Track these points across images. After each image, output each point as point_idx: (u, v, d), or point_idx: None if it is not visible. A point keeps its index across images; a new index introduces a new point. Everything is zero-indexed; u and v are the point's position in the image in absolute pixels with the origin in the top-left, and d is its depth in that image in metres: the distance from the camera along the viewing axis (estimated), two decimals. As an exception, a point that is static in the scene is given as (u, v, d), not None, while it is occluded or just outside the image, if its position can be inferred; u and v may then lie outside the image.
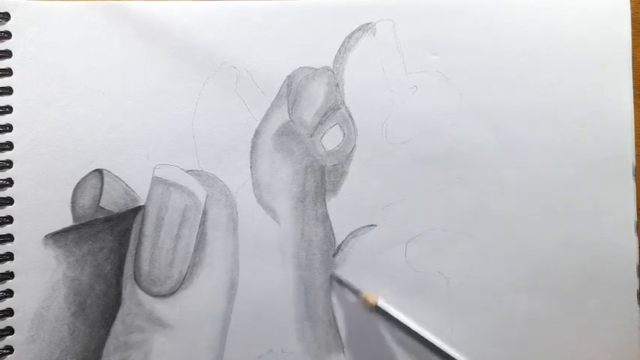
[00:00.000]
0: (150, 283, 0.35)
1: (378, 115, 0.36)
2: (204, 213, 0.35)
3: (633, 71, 0.37)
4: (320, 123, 0.36)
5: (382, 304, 0.33)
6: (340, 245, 0.36)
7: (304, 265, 0.36)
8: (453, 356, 0.34)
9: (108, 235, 0.35)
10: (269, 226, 0.36)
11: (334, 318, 0.35)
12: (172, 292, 0.35)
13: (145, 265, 0.35)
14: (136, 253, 0.35)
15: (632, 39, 0.37)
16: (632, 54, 0.37)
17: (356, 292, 0.34)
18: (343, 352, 0.35)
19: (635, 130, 0.37)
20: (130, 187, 0.35)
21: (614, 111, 0.37)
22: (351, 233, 0.36)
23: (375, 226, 0.36)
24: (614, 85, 0.37)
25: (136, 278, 0.35)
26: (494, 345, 0.36)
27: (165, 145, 0.35)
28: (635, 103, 0.37)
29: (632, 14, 0.37)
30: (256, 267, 0.35)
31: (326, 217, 0.36)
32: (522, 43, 0.37)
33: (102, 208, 0.35)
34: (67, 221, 0.34)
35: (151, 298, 0.35)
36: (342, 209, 0.36)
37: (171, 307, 0.35)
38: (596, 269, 0.36)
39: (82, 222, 0.34)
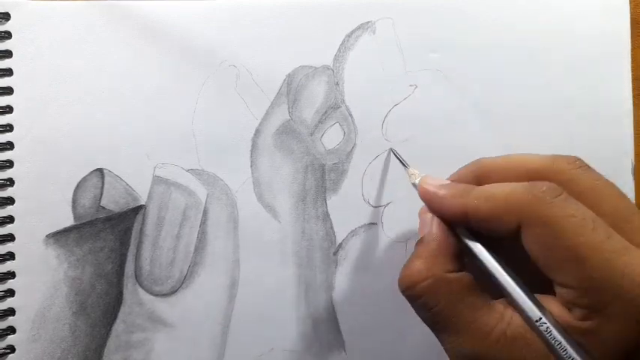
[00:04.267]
0: (151, 282, 0.35)
1: (378, 113, 0.36)
2: (205, 212, 0.35)
3: (632, 71, 0.37)
4: (320, 121, 0.36)
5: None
6: (341, 243, 0.36)
7: (305, 264, 0.36)
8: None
9: (109, 235, 0.35)
10: (270, 224, 0.36)
11: (335, 316, 0.36)
12: (173, 292, 0.35)
13: (145, 265, 0.35)
14: (137, 252, 0.35)
15: (632, 39, 0.37)
16: (632, 54, 0.37)
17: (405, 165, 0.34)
18: (344, 350, 0.35)
19: (635, 129, 0.37)
20: (130, 187, 0.35)
21: (613, 110, 0.37)
22: (352, 231, 0.36)
23: (376, 224, 0.36)
24: (613, 84, 0.37)
25: (137, 277, 0.35)
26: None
27: (165, 145, 0.35)
28: (634, 103, 0.37)
29: (632, 14, 0.37)
30: (257, 266, 0.35)
31: (326, 216, 0.36)
32: (522, 42, 0.37)
33: (103, 207, 0.35)
34: (68, 221, 0.34)
35: (152, 298, 0.35)
36: (343, 208, 0.36)
37: (173, 306, 0.35)
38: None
39: (83, 221, 0.34)
